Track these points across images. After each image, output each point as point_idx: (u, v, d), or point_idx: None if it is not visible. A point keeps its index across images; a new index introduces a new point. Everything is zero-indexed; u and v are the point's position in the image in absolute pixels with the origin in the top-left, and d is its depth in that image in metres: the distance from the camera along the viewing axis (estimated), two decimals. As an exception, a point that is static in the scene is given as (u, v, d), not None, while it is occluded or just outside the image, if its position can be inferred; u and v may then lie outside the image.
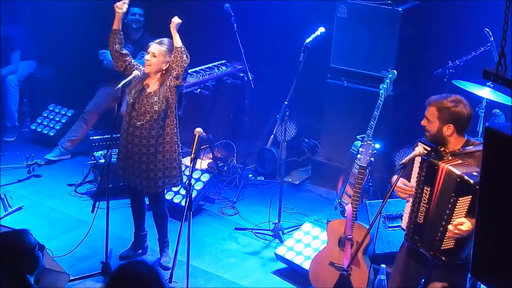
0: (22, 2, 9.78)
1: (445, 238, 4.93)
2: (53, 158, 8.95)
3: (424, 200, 5.03)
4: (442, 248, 4.97)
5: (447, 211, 4.88)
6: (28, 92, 9.88)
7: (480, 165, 4.79)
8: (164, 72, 6.54)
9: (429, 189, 4.99)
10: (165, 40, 6.57)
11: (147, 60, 6.49)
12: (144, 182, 6.65)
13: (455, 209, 4.85)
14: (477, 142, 5.13)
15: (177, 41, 6.49)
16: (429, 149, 5.10)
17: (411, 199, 5.19)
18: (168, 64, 6.50)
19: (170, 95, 6.50)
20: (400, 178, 5.22)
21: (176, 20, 6.54)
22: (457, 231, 4.85)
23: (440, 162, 4.96)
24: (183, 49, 6.48)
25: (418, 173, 5.09)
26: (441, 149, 5.06)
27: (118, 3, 6.64)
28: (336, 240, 6.35)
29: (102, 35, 9.26)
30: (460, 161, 4.96)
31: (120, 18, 6.67)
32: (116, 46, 6.63)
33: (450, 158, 5.00)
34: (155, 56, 6.48)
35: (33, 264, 4.73)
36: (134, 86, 6.56)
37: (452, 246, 4.94)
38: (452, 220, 4.87)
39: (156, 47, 6.50)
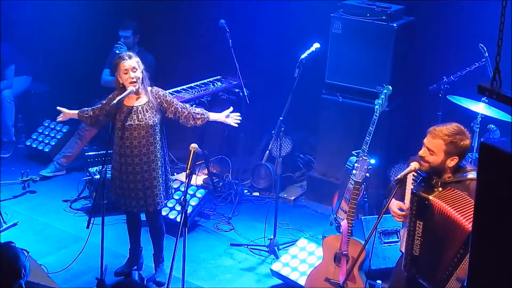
0: (16, 17, 9.80)
1: (451, 280, 4.86)
2: (48, 174, 8.95)
3: (418, 233, 4.94)
4: (445, 287, 4.91)
5: (455, 260, 4.75)
6: (23, 108, 9.89)
7: (470, 192, 4.81)
8: (142, 81, 6.54)
9: (422, 223, 4.89)
10: (129, 53, 6.68)
11: (132, 77, 6.41)
12: (147, 200, 6.62)
13: (465, 258, 4.73)
14: (469, 168, 5.09)
15: (213, 118, 6.84)
16: (416, 175, 5.06)
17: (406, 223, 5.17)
18: (142, 71, 6.52)
19: (161, 110, 6.53)
20: (396, 201, 5.20)
21: (230, 120, 6.90)
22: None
23: (430, 197, 4.86)
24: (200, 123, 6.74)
25: (409, 207, 5.03)
26: (432, 180, 5.00)
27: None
28: (331, 255, 6.34)
29: (97, 51, 9.35)
30: (451, 193, 4.88)
31: (72, 115, 6.99)
32: (88, 121, 6.93)
33: (440, 189, 4.93)
34: (136, 69, 6.46)
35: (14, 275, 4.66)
36: (118, 110, 6.52)
37: (459, 287, 4.87)
38: (461, 265, 4.79)
39: (132, 61, 6.46)
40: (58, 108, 6.94)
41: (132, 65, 6.43)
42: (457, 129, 5.03)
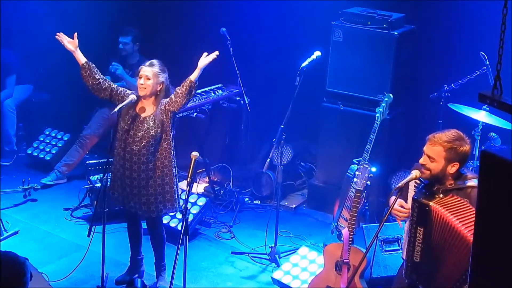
0: (18, 26, 9.82)
1: None
2: (49, 182, 8.94)
3: (419, 240, 4.93)
4: None
5: (463, 276, 4.76)
6: (24, 116, 9.89)
7: (471, 200, 4.81)
8: (158, 93, 6.53)
9: (422, 229, 4.89)
10: (155, 61, 6.58)
11: (142, 84, 6.46)
12: (143, 207, 6.63)
13: None
14: (470, 176, 5.08)
15: (195, 76, 6.54)
16: (419, 182, 5.07)
17: (408, 224, 5.16)
18: (161, 85, 6.50)
19: (165, 119, 6.51)
20: (398, 200, 5.20)
21: (208, 58, 6.59)
22: None
23: (431, 203, 4.85)
24: (196, 84, 6.54)
25: (410, 213, 5.04)
26: (434, 186, 4.99)
27: (61, 39, 6.66)
28: (332, 264, 6.33)
29: (98, 59, 9.32)
30: (452, 200, 4.87)
31: (77, 54, 6.64)
32: (90, 81, 6.58)
33: (441, 196, 4.92)
34: (149, 79, 6.47)
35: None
36: (126, 112, 6.53)
37: None
38: None
39: (148, 70, 6.49)
40: (75, 35, 6.68)
41: (146, 73, 6.45)
42: (456, 135, 5.04)
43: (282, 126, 7.31)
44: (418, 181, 5.11)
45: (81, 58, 6.65)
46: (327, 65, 8.17)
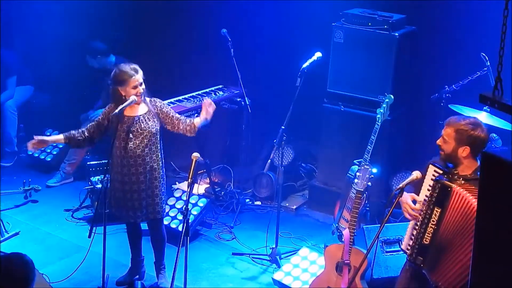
0: (18, 27, 9.82)
1: None
2: (55, 184, 8.97)
3: (433, 221, 4.97)
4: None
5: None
6: (25, 117, 9.89)
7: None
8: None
9: (439, 210, 4.93)
10: (134, 64, 6.55)
11: (141, 91, 6.42)
12: (149, 208, 6.63)
13: None
14: None
15: (199, 123, 6.59)
16: (441, 172, 5.07)
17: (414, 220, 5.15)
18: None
19: (158, 118, 6.54)
20: (408, 194, 5.19)
21: (210, 110, 6.64)
22: None
23: (454, 185, 4.91)
24: (197, 129, 6.60)
25: (429, 194, 5.03)
26: (454, 172, 5.03)
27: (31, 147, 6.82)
28: (333, 265, 6.33)
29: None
30: (473, 188, 4.86)
31: (53, 141, 6.98)
32: (81, 145, 6.83)
33: (463, 182, 4.96)
34: (142, 83, 6.47)
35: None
36: (122, 119, 6.48)
37: None
38: None
39: (139, 76, 6.43)
40: (35, 137, 6.75)
41: (141, 80, 6.45)
42: (472, 121, 5.13)
43: (283, 127, 7.31)
44: (436, 173, 5.10)
45: (60, 140, 6.78)
46: (328, 66, 8.17)
